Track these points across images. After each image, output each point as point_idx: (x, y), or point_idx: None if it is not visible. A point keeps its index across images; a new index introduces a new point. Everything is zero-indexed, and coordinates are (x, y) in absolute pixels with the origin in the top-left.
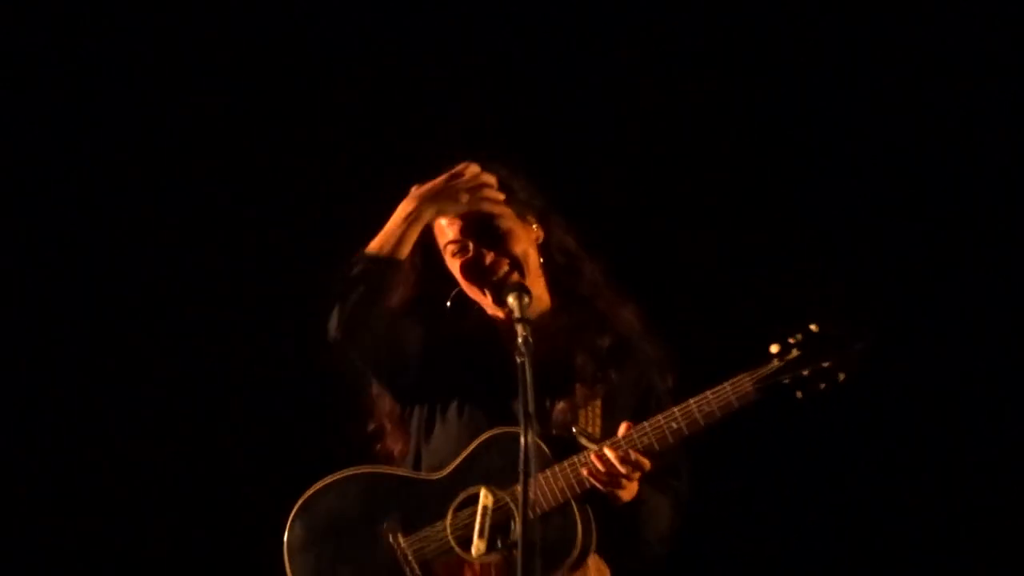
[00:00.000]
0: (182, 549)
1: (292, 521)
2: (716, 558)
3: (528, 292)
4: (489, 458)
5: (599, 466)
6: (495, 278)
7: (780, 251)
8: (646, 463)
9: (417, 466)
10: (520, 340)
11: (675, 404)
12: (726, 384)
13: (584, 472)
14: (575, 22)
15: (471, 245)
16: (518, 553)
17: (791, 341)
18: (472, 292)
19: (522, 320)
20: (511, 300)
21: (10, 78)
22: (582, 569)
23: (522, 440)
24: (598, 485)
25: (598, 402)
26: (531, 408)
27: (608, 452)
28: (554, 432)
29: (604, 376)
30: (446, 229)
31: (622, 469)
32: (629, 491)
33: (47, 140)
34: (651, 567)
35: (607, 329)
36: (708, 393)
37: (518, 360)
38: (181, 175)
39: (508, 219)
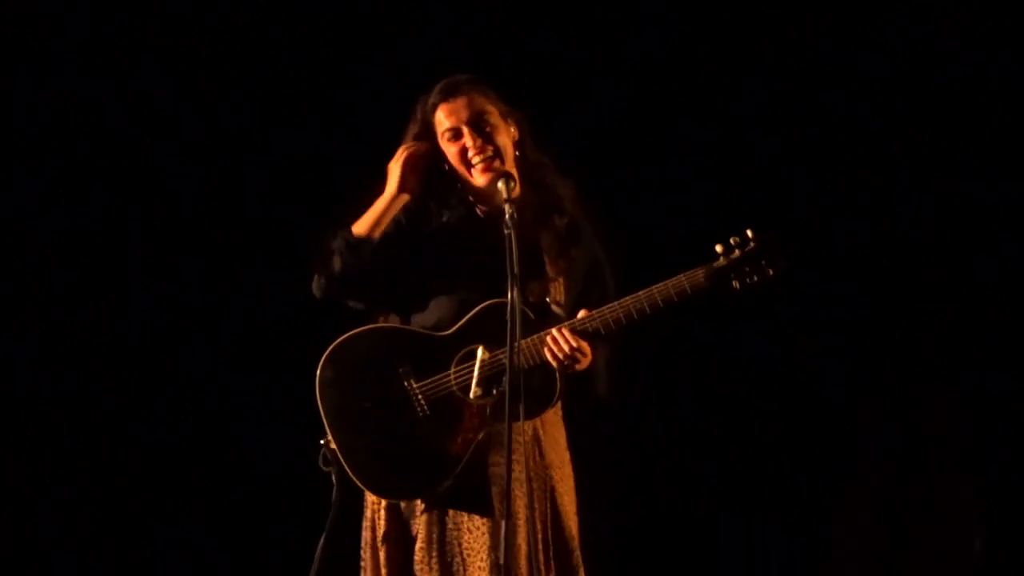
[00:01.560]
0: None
1: (323, 363)
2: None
3: (513, 179)
4: (485, 322)
5: (554, 346)
6: (481, 157)
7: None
8: (587, 348)
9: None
10: (507, 217)
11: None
12: (682, 275)
13: (553, 347)
14: None
15: (465, 132)
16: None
17: (732, 242)
18: (461, 170)
19: (508, 200)
20: (500, 185)
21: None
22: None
23: (509, 295)
24: (554, 364)
25: (561, 278)
26: (516, 271)
27: (566, 333)
28: (532, 300)
29: (566, 253)
30: (444, 120)
31: (574, 343)
32: (583, 364)
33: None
34: (595, 403)
35: (564, 211)
36: (667, 282)
37: (505, 232)
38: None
39: (494, 116)
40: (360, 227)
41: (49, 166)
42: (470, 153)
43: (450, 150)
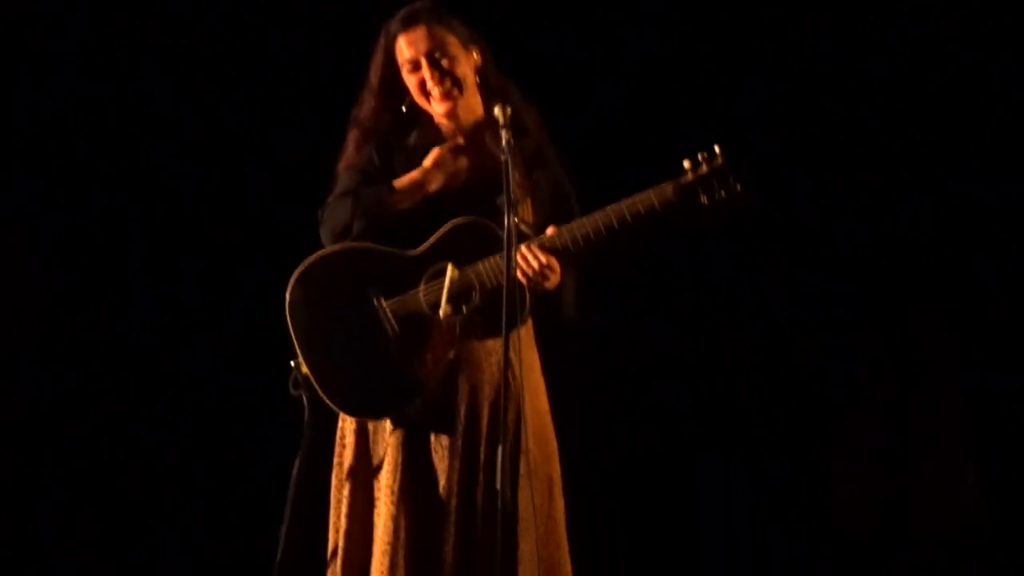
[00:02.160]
0: None
1: (292, 284)
2: None
3: (510, 106)
4: (454, 240)
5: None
6: (440, 89)
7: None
8: (556, 264)
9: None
10: (503, 143)
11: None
12: (650, 190)
13: (522, 264)
14: None
15: (423, 64)
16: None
17: (700, 158)
18: (421, 101)
19: (505, 126)
20: (497, 111)
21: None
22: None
23: (506, 221)
24: (523, 281)
25: (528, 199)
26: (513, 195)
27: (535, 249)
28: (500, 219)
29: (531, 175)
30: (404, 50)
31: (543, 259)
32: (552, 282)
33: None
34: (561, 320)
35: (528, 135)
36: (635, 196)
37: (502, 158)
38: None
39: (454, 47)
40: (400, 187)
41: (49, 166)
42: (428, 84)
43: (410, 81)
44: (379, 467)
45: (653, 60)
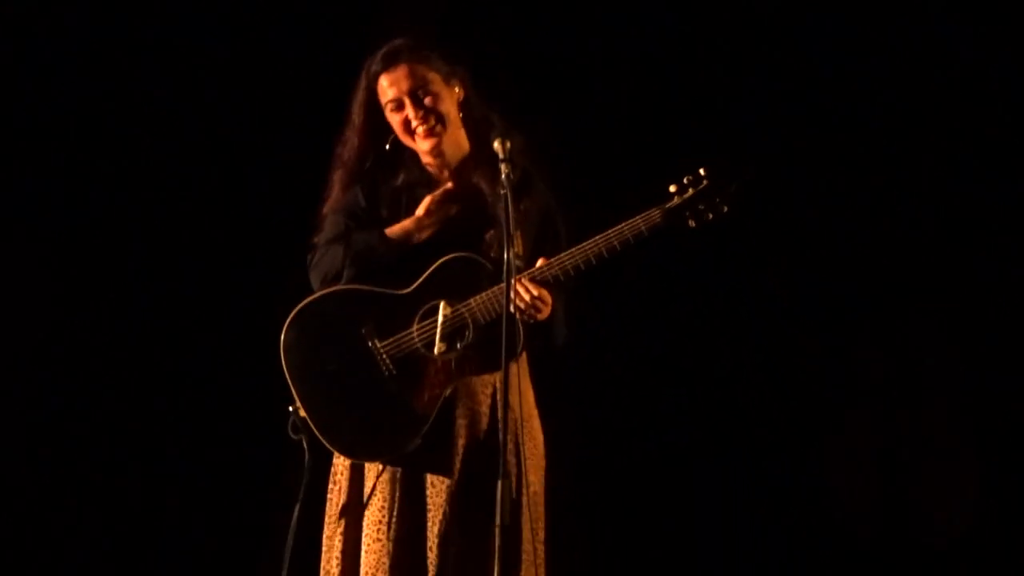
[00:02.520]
0: None
1: (286, 329)
2: None
3: (510, 139)
4: (445, 277)
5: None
6: (425, 127)
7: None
8: (547, 296)
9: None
10: (503, 176)
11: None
12: (638, 217)
13: (515, 298)
14: None
15: (407, 103)
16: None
17: (685, 181)
18: (406, 139)
19: (505, 160)
20: (496, 145)
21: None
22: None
23: (505, 255)
24: (518, 314)
25: (517, 230)
26: (512, 231)
27: (527, 282)
28: (492, 255)
29: (517, 205)
30: (387, 90)
31: (535, 292)
32: (544, 313)
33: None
34: (553, 347)
35: (514, 165)
36: (623, 224)
37: (500, 192)
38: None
39: (436, 83)
40: (392, 235)
41: (49, 166)
42: (413, 123)
43: (394, 119)
44: (369, 502)
45: (653, 61)
